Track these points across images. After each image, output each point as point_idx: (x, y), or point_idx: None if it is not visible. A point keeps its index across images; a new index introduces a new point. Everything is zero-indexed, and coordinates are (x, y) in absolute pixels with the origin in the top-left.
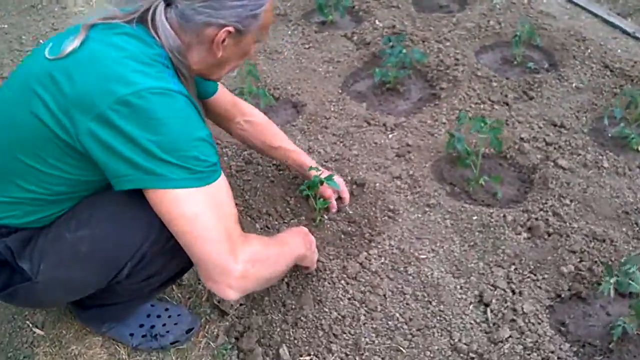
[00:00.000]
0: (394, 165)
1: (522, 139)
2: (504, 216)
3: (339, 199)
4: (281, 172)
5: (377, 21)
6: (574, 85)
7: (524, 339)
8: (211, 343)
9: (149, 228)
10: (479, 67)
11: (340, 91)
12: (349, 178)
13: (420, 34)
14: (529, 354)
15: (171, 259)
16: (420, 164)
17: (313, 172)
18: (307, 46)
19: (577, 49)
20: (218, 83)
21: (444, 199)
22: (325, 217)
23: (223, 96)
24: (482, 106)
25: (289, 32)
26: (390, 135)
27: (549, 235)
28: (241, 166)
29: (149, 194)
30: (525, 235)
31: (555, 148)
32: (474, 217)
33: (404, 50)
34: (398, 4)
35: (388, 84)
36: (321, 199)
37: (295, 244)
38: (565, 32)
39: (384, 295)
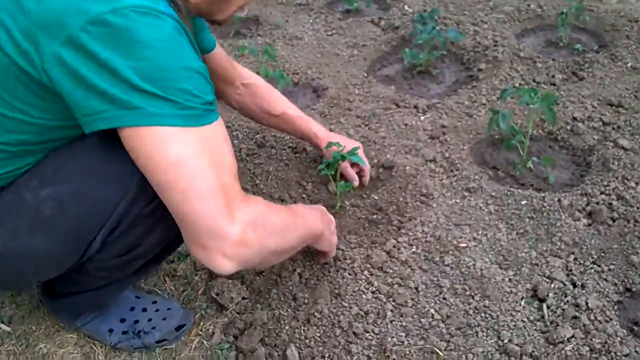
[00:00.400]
0: (427, 147)
1: (574, 118)
2: (559, 200)
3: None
4: (297, 155)
5: (406, 7)
6: (629, 65)
7: (590, 340)
8: (205, 342)
9: (126, 184)
10: (521, 48)
11: (365, 75)
12: (375, 161)
13: (454, 18)
14: (596, 357)
15: (154, 226)
16: (458, 146)
17: (334, 148)
18: (330, 33)
19: (630, 29)
20: (215, 40)
21: (487, 182)
22: (347, 203)
23: (220, 56)
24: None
25: (311, 20)
26: (422, 117)
27: (614, 220)
28: (252, 149)
29: (125, 135)
30: (585, 221)
31: (614, 128)
32: (523, 202)
33: (438, 27)
34: None
35: (419, 66)
36: (342, 182)
37: (312, 218)
38: (614, 13)
39: (416, 289)
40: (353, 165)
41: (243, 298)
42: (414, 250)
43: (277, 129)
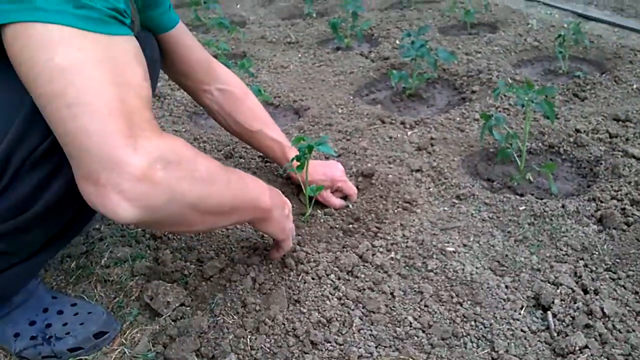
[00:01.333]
0: (412, 158)
1: (577, 130)
2: (564, 206)
3: (345, 198)
4: (267, 164)
5: (397, 41)
6: (634, 86)
7: (610, 350)
8: (128, 351)
9: (8, 118)
10: (518, 73)
11: (351, 97)
12: (354, 170)
13: (447, 49)
14: None
15: (50, 175)
16: (447, 157)
17: (300, 147)
18: (318, 64)
19: (633, 56)
20: (179, 20)
21: (480, 190)
22: (320, 212)
23: (184, 40)
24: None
25: (299, 55)
26: (409, 132)
27: (629, 225)
28: (219, 159)
29: (8, 37)
30: (595, 227)
31: (622, 140)
32: (522, 208)
33: (428, 44)
34: None
35: (409, 90)
36: (314, 185)
37: (255, 185)
38: (616, 45)
39: (392, 294)
40: (335, 192)
41: (182, 304)
42: (392, 255)
43: (247, 144)
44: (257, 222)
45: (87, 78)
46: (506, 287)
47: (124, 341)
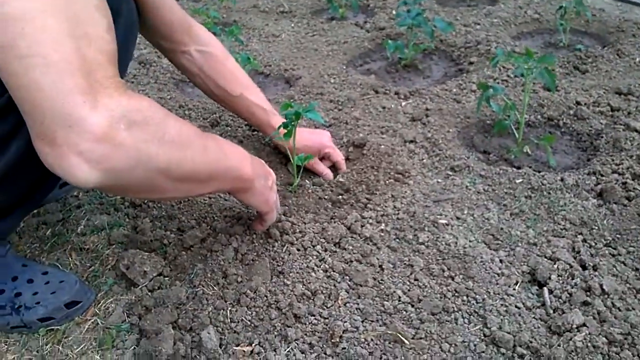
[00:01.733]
0: (406, 128)
1: (578, 103)
2: (562, 180)
3: (333, 167)
4: (255, 133)
5: (394, 12)
6: (637, 60)
7: (609, 329)
8: (101, 322)
9: None
10: (517, 44)
11: (345, 67)
12: (345, 140)
13: (445, 20)
14: (617, 352)
15: (11, 133)
16: (442, 128)
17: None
18: (311, 33)
19: (636, 30)
20: None
21: (475, 162)
22: (308, 182)
23: (163, 0)
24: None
25: (292, 25)
26: (403, 103)
27: (630, 200)
28: (204, 127)
29: None
30: (594, 201)
31: (624, 114)
32: (518, 180)
33: (424, 13)
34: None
35: (404, 60)
36: (302, 154)
37: (234, 151)
38: (619, 18)
39: (380, 267)
40: (322, 160)
41: (160, 274)
42: (382, 227)
43: (229, 110)
44: (237, 192)
45: (41, 28)
46: (500, 261)
47: (98, 311)
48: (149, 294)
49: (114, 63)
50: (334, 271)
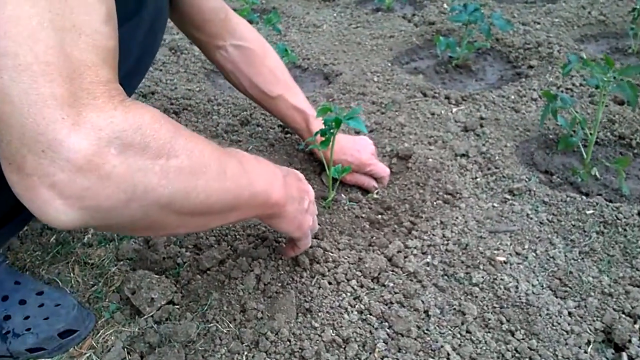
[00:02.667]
0: (457, 140)
1: None
2: None
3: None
4: (288, 136)
5: (445, 5)
6: None
7: None
8: (96, 358)
9: None
10: (582, 49)
11: (390, 64)
12: (388, 149)
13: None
14: None
15: None
16: (499, 142)
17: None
18: (354, 25)
19: None
20: None
21: (537, 185)
22: (344, 197)
23: None
24: (590, 89)
25: (335, 14)
26: (455, 109)
27: None
28: (234, 126)
29: None
30: None
31: None
32: (589, 212)
33: (482, 9)
34: None
35: (456, 60)
36: (339, 165)
37: (264, 175)
38: None
39: (426, 313)
40: (365, 174)
41: (169, 302)
42: (428, 260)
43: (265, 110)
44: (265, 218)
45: (14, 18)
46: (569, 314)
47: (95, 344)
48: (155, 326)
49: (111, 64)
50: (370, 314)
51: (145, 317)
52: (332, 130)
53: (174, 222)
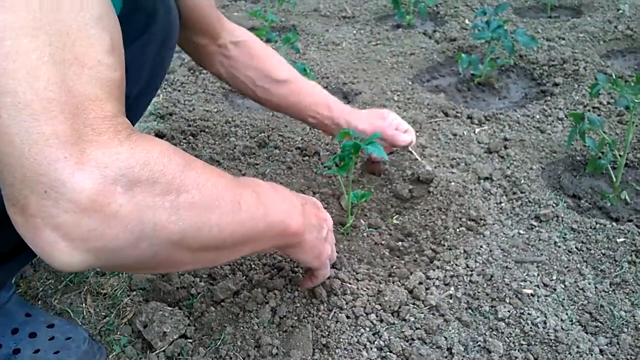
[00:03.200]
0: (481, 162)
1: None
2: None
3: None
4: (306, 158)
5: (467, 20)
6: None
7: None
8: None
9: None
10: (609, 65)
11: (410, 83)
12: (408, 172)
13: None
14: None
15: None
16: (524, 164)
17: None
18: (374, 42)
19: None
20: None
21: (564, 211)
22: (363, 222)
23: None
24: (618, 108)
25: (354, 31)
26: (478, 130)
27: None
28: (251, 148)
29: None
30: None
31: None
32: (620, 239)
33: (505, 26)
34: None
35: (479, 77)
36: (358, 191)
37: (282, 204)
38: None
39: (449, 350)
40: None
41: (182, 336)
42: (451, 292)
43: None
44: (283, 248)
45: (13, 53)
46: (601, 352)
47: None
48: None
49: (117, 96)
50: (390, 351)
51: (156, 351)
52: (351, 155)
53: (185, 258)
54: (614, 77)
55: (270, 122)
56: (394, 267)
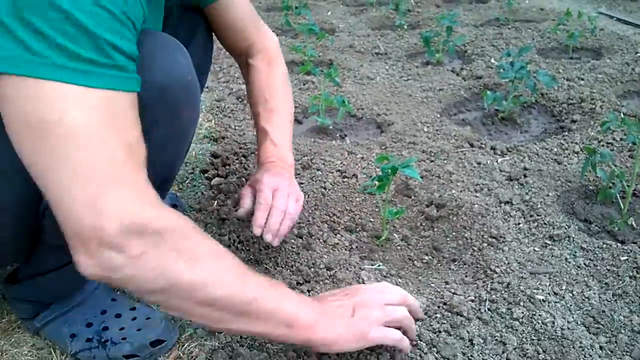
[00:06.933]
0: (502, 188)
1: None
2: None
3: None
4: (346, 179)
5: (492, 60)
6: None
7: None
8: None
9: None
10: (624, 105)
11: (439, 116)
12: (436, 195)
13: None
14: None
15: None
16: (542, 191)
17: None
18: (405, 78)
19: None
20: None
21: (575, 232)
22: (397, 236)
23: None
24: (629, 144)
25: (387, 67)
26: (500, 160)
27: None
28: (296, 170)
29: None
30: None
31: None
32: (623, 258)
33: (527, 67)
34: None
35: (502, 113)
36: (393, 208)
37: (306, 307)
38: None
39: (470, 341)
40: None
41: None
42: (472, 297)
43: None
44: (314, 349)
45: (80, 133)
46: (600, 347)
47: (181, 354)
48: (220, 347)
49: (142, 165)
50: (420, 340)
51: (217, 335)
52: (388, 177)
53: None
54: (624, 115)
55: (313, 147)
56: (423, 275)
